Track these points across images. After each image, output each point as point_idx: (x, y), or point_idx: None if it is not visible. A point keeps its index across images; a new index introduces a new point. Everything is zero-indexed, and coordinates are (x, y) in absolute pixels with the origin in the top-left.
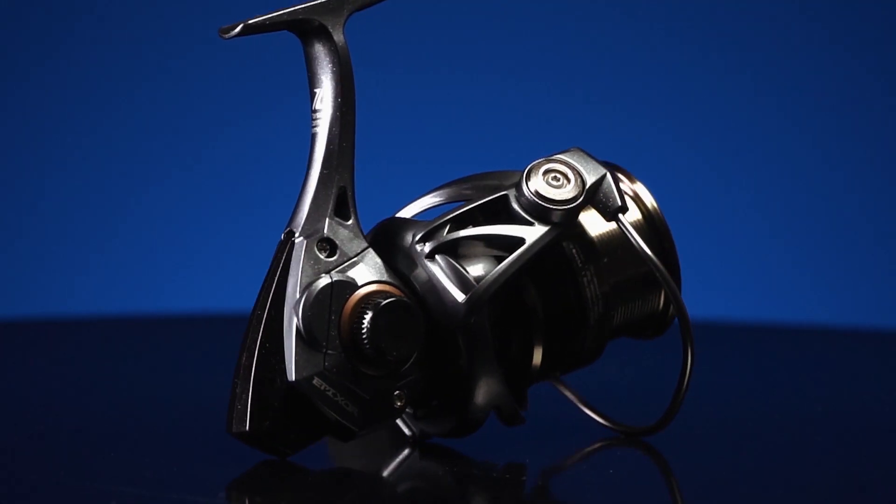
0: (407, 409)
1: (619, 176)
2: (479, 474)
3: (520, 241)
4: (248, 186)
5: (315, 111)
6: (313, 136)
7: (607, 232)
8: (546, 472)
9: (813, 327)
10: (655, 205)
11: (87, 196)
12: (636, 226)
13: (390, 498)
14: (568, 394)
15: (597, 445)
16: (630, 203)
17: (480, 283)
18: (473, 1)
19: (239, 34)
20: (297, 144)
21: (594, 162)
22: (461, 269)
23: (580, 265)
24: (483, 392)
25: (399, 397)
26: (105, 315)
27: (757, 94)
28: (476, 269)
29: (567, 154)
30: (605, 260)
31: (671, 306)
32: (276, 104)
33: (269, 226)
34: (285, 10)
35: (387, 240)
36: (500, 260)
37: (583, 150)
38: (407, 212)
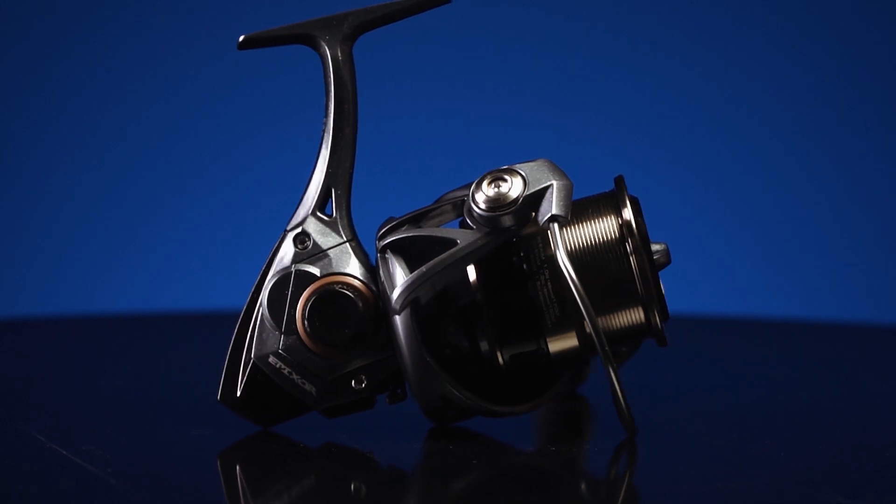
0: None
1: (623, 193)
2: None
3: (452, 242)
4: (264, 188)
5: (324, 117)
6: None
7: (581, 244)
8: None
9: (793, 321)
10: (630, 222)
11: (106, 200)
12: (605, 241)
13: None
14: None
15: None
16: (604, 220)
17: (403, 281)
18: (485, 14)
19: (241, 47)
20: (310, 147)
21: (550, 172)
22: (400, 267)
23: (535, 269)
24: (419, 382)
25: (359, 381)
26: (123, 313)
27: (735, 99)
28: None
29: (527, 163)
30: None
31: (653, 319)
32: (288, 110)
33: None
34: (287, 25)
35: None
36: None
37: (548, 161)
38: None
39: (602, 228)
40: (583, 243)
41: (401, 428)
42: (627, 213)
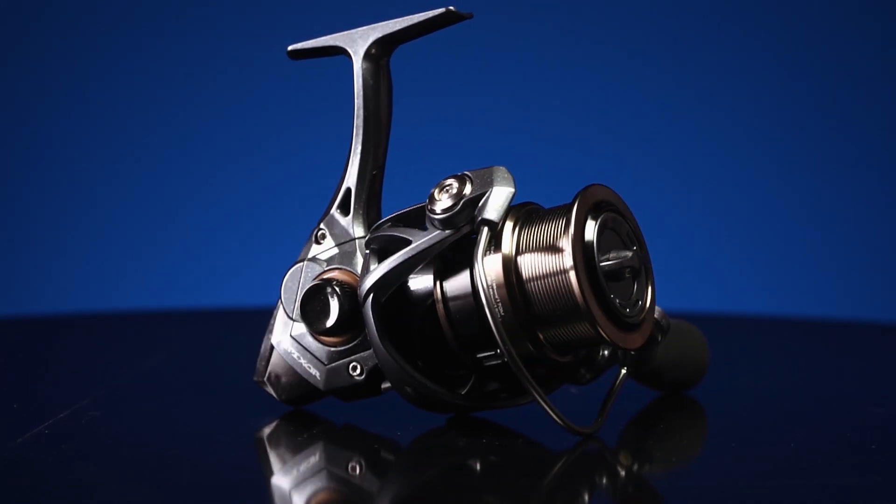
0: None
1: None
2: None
3: (407, 242)
4: (296, 189)
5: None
6: None
7: (530, 251)
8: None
9: (782, 319)
10: (567, 237)
11: (128, 201)
12: (550, 253)
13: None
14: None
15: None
16: (552, 231)
17: (365, 277)
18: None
19: (290, 56)
20: (337, 151)
21: (496, 178)
22: (371, 264)
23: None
24: (386, 371)
25: (354, 368)
26: (151, 309)
27: (730, 103)
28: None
29: (481, 169)
30: (517, 273)
31: (601, 331)
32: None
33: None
34: (321, 38)
35: None
36: None
37: (500, 168)
38: None
39: (549, 240)
40: (532, 251)
41: (428, 416)
42: (570, 228)
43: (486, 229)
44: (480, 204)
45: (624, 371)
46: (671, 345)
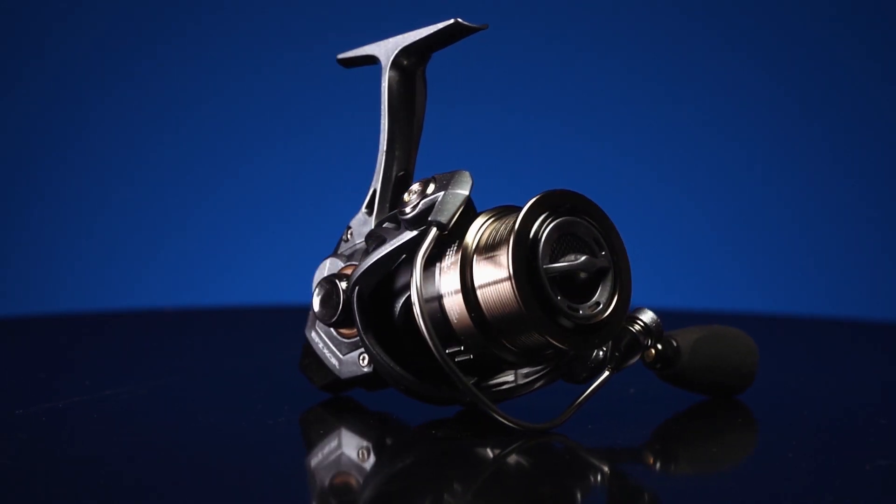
0: None
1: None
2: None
3: (383, 240)
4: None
5: None
6: None
7: (482, 256)
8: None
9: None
10: (507, 248)
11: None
12: (496, 261)
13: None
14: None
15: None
16: (499, 238)
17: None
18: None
19: (339, 65)
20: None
21: (455, 181)
22: (362, 259)
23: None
24: (374, 364)
25: (363, 359)
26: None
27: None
28: None
29: (445, 173)
30: (471, 277)
31: (548, 338)
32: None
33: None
34: (360, 48)
35: None
36: None
37: (464, 172)
38: None
39: (494, 245)
40: (481, 256)
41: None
42: (511, 235)
43: (433, 231)
44: (438, 207)
45: (607, 373)
46: (699, 349)
